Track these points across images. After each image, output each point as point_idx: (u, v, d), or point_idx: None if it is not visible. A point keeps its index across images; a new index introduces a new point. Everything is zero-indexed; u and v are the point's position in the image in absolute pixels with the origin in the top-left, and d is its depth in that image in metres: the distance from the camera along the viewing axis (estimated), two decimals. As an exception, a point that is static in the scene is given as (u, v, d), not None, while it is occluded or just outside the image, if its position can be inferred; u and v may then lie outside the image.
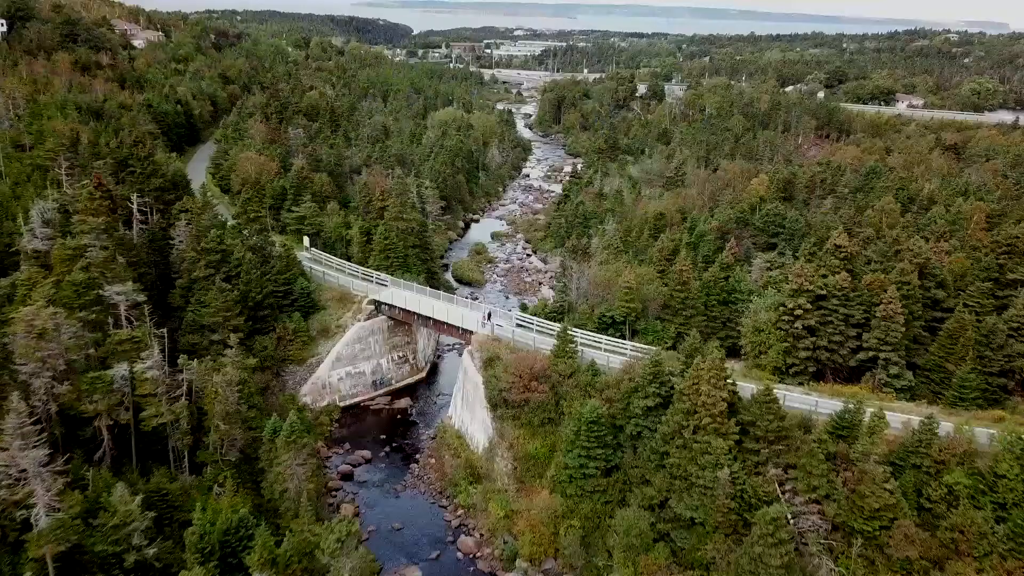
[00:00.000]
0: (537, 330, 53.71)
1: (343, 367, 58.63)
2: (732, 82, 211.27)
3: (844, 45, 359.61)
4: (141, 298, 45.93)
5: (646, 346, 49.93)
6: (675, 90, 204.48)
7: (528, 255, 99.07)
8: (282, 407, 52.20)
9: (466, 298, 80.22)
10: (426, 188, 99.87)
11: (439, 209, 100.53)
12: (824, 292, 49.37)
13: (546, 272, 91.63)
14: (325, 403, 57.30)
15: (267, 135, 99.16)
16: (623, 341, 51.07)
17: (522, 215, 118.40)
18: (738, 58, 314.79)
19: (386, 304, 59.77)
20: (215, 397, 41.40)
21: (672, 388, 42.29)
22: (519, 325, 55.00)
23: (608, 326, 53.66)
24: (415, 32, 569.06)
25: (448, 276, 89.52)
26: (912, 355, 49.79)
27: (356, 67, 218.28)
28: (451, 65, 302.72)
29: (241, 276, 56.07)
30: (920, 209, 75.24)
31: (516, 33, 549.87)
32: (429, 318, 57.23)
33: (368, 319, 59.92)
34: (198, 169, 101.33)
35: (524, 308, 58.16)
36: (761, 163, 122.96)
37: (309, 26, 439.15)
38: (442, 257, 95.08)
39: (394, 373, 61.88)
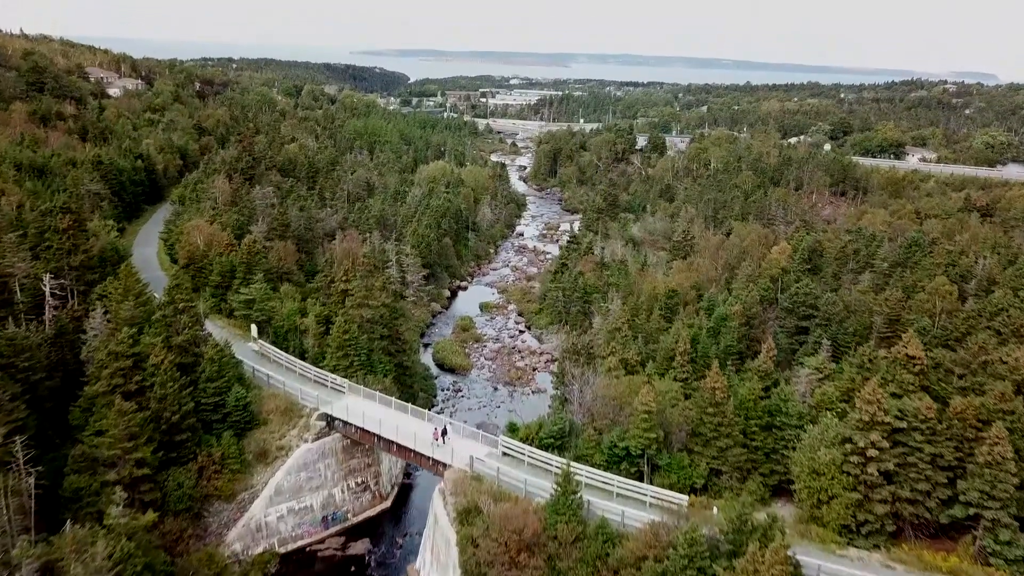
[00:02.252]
0: (529, 463, 41.99)
1: (284, 502, 46.43)
2: (735, 133, 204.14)
3: (842, 95, 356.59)
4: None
5: (673, 495, 38.12)
6: (677, 142, 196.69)
7: (521, 331, 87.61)
8: (196, 571, 39.89)
9: (447, 389, 68.53)
10: (407, 255, 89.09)
11: (421, 279, 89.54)
12: (904, 424, 37.83)
13: (541, 354, 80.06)
14: (259, 550, 44.93)
15: (229, 195, 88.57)
16: (642, 485, 39.25)
17: (515, 281, 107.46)
18: (736, 108, 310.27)
19: (340, 420, 47.95)
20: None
21: (715, 577, 30.38)
22: (505, 453, 43.28)
23: (621, 459, 41.88)
24: (412, 80, 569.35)
25: (428, 358, 77.91)
26: (1022, 508, 37.93)
27: (345, 116, 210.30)
28: (445, 115, 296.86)
29: (155, 390, 44.30)
30: (980, 291, 64.37)
31: (512, 82, 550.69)
32: (392, 442, 45.38)
33: (318, 439, 48.01)
34: (153, 234, 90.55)
35: (513, 429, 46.46)
36: (775, 224, 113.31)
37: (305, 74, 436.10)
38: (422, 335, 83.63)
39: (351, 505, 49.61)
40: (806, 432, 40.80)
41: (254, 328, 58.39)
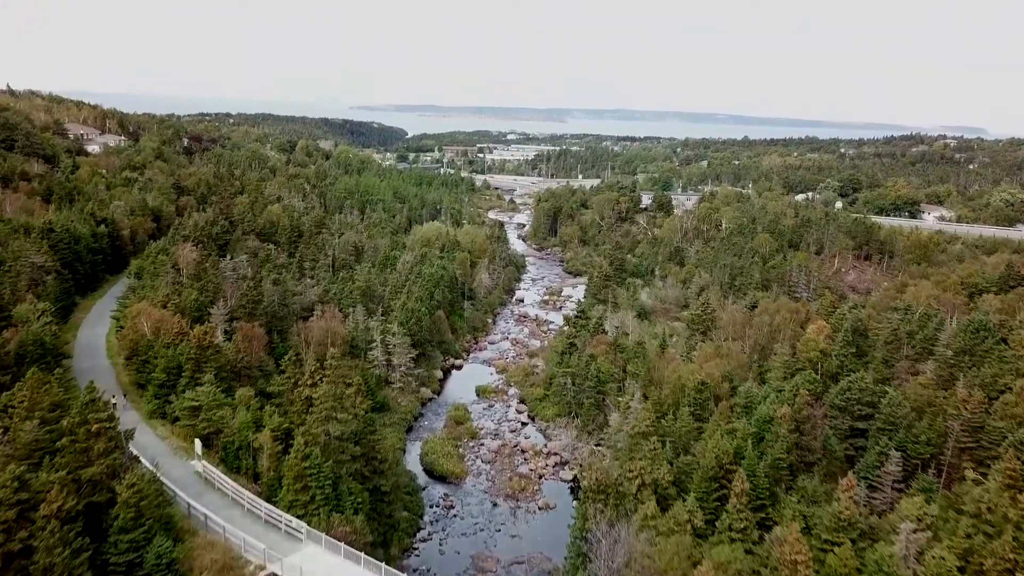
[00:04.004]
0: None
1: None
2: (742, 190, 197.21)
3: (842, 150, 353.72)
4: None
5: None
6: (684, 201, 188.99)
7: (523, 423, 76.39)
8: None
9: (437, 505, 55.56)
10: (394, 335, 78.70)
11: (409, 360, 78.90)
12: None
13: (548, 454, 68.72)
14: None
15: (194, 267, 78.58)
16: None
17: (515, 358, 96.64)
18: (736, 163, 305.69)
19: (293, 585, 36.59)
20: None
21: None
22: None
23: (668, 662, 30.51)
24: (409, 135, 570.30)
25: (415, 459, 66.53)
26: None
27: (338, 173, 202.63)
28: (442, 170, 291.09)
29: (39, 556, 33.11)
30: (1075, 391, 53.86)
31: (509, 137, 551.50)
32: (359, 624, 34.00)
33: (263, 610, 36.55)
34: (107, 311, 79.75)
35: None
36: (796, 291, 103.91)
37: (302, 129, 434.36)
38: (409, 430, 72.45)
39: None
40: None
41: (198, 444, 47.35)
